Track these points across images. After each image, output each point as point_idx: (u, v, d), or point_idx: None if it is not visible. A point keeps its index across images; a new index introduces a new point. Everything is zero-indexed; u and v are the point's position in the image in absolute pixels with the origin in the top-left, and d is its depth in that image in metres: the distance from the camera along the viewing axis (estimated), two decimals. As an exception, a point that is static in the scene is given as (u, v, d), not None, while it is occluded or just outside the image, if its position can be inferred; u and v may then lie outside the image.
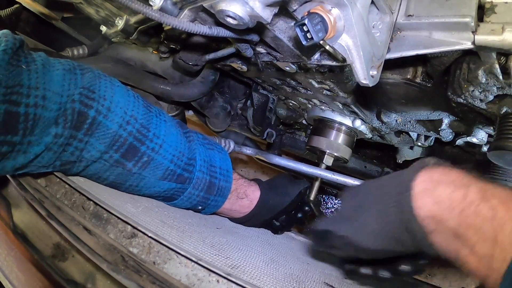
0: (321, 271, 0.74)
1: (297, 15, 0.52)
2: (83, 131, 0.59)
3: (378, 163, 1.28)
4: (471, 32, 0.50)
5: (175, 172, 0.70)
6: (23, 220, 0.66)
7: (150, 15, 0.48)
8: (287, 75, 0.79)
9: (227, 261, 0.61)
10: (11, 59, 0.52)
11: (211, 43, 0.76)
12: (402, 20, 0.55)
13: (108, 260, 0.54)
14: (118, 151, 0.63)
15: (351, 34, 0.50)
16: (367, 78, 0.52)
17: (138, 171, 0.66)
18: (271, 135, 1.13)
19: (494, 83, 0.57)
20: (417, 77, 0.68)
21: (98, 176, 0.66)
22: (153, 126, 0.67)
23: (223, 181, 0.77)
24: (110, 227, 0.59)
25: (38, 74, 0.54)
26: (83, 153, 0.61)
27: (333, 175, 0.90)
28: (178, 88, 1.00)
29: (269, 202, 0.84)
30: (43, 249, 0.61)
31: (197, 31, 0.52)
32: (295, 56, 0.61)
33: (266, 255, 0.72)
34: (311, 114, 0.97)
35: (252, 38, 0.60)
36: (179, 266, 0.54)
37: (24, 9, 1.09)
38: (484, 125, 0.72)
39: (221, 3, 0.46)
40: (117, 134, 0.62)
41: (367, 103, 0.84)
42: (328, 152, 0.93)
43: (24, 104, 0.51)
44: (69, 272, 0.57)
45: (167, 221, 0.68)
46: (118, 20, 0.82)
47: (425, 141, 0.91)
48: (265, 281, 0.59)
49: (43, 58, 0.58)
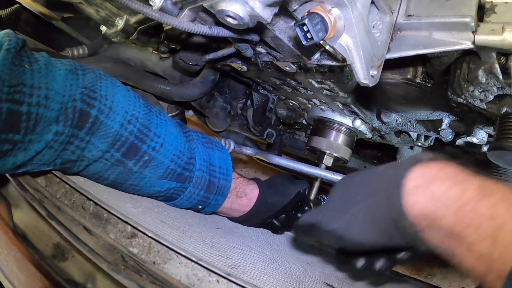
0: (321, 271, 0.74)
1: (297, 15, 0.52)
2: (85, 130, 0.59)
3: (378, 163, 1.28)
4: (471, 32, 0.50)
5: (175, 171, 0.70)
6: (23, 220, 0.66)
7: (150, 15, 0.48)
8: (287, 75, 0.79)
9: (227, 261, 0.61)
10: (14, 58, 0.53)
11: (211, 43, 0.76)
12: (402, 20, 0.55)
13: (108, 260, 0.54)
14: (119, 150, 0.63)
15: (351, 34, 0.50)
16: (367, 78, 0.52)
17: (139, 170, 0.66)
18: (271, 135, 1.13)
19: (494, 83, 0.57)
20: (417, 77, 0.68)
21: (98, 175, 0.66)
22: (154, 126, 0.68)
23: (223, 180, 0.77)
24: (110, 227, 0.59)
25: (41, 74, 0.55)
26: (84, 152, 0.61)
27: (333, 175, 0.90)
28: (178, 88, 1.00)
29: (268, 201, 0.84)
30: (43, 249, 0.61)
31: (197, 31, 0.52)
32: (295, 56, 0.61)
33: (266, 255, 0.72)
34: (311, 114, 0.97)
35: (252, 38, 0.60)
36: (179, 266, 0.54)
37: (24, 9, 1.09)
38: (484, 125, 0.72)
39: (221, 3, 0.46)
40: (118, 133, 0.62)
41: (367, 103, 0.84)
42: (328, 153, 0.93)
43: (26, 103, 0.52)
44: (69, 272, 0.57)
45: (167, 221, 0.68)
46: (118, 20, 0.82)
47: (425, 141, 0.91)
48: (265, 281, 0.59)
49: (45, 58, 0.58)
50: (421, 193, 0.47)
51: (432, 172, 0.48)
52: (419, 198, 0.47)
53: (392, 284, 0.81)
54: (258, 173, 1.89)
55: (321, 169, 0.92)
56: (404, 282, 0.88)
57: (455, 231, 0.43)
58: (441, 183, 0.46)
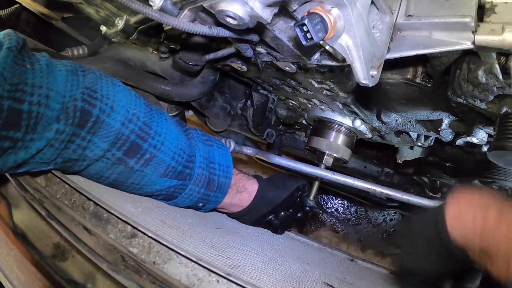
0: (321, 271, 0.74)
1: (297, 15, 0.52)
2: (86, 129, 0.59)
3: (378, 163, 1.28)
4: (471, 32, 0.50)
5: (176, 169, 0.70)
6: (23, 220, 0.66)
7: (150, 15, 0.48)
8: (287, 75, 0.79)
9: (227, 261, 0.61)
10: (15, 57, 0.53)
11: (211, 43, 0.76)
12: (402, 20, 0.55)
13: (108, 260, 0.54)
14: (120, 149, 0.63)
15: (351, 34, 0.50)
16: (367, 78, 0.52)
17: (140, 168, 0.66)
18: (271, 135, 1.13)
19: (494, 83, 0.57)
20: (417, 77, 0.68)
21: (100, 174, 0.66)
22: (155, 124, 0.68)
23: (223, 177, 0.78)
24: (110, 227, 0.59)
25: (42, 74, 0.55)
26: (86, 151, 0.61)
27: (333, 175, 0.90)
28: (178, 88, 1.00)
29: (267, 194, 0.84)
30: (43, 249, 0.61)
31: (197, 31, 0.52)
32: (295, 56, 0.61)
33: (266, 255, 0.72)
34: (311, 114, 0.97)
35: (252, 38, 0.60)
36: (179, 266, 0.54)
37: (24, 9, 1.09)
38: (484, 125, 0.72)
39: (221, 3, 0.46)
40: (119, 132, 0.62)
41: (367, 103, 0.83)
42: (327, 153, 0.93)
43: (27, 102, 0.52)
44: (69, 272, 0.57)
45: (167, 221, 0.68)
46: (118, 20, 0.83)
47: (425, 141, 0.91)
48: (265, 281, 0.59)
49: (46, 58, 0.59)
50: (457, 221, 0.57)
51: (464, 200, 0.58)
52: (457, 225, 0.56)
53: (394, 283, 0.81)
54: (258, 173, 1.89)
55: (321, 169, 0.92)
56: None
57: (483, 248, 0.52)
58: (469, 210, 0.56)
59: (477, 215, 0.54)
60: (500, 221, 0.51)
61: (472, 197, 0.58)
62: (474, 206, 0.56)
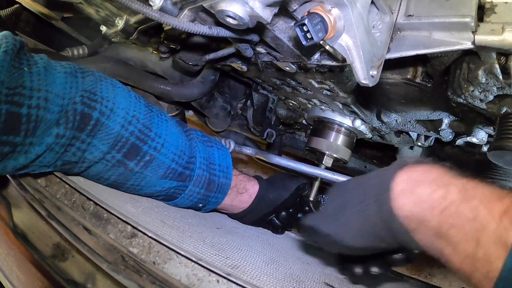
0: (321, 271, 0.74)
1: (297, 15, 0.52)
2: (86, 132, 0.59)
3: (378, 163, 1.27)
4: (471, 32, 0.50)
5: (176, 170, 0.70)
6: (23, 220, 0.66)
7: (150, 15, 0.48)
8: (287, 75, 0.79)
9: (227, 261, 0.61)
10: (12, 60, 0.52)
11: (211, 43, 0.76)
12: (402, 20, 0.55)
13: (108, 260, 0.54)
14: (120, 151, 0.63)
15: (351, 34, 0.50)
16: (367, 78, 0.52)
17: (140, 170, 0.66)
18: (271, 135, 1.13)
19: (494, 83, 0.57)
20: (417, 77, 0.68)
21: (99, 176, 0.66)
22: (155, 126, 0.68)
23: (223, 177, 0.78)
24: (110, 227, 0.59)
25: (40, 76, 0.55)
26: (85, 154, 0.61)
27: (333, 175, 0.90)
28: (178, 88, 1.00)
29: (267, 195, 0.84)
30: (43, 249, 0.61)
31: (197, 31, 0.52)
32: (295, 56, 0.61)
33: (266, 255, 0.72)
34: (311, 114, 0.97)
35: (252, 38, 0.60)
36: (179, 266, 0.54)
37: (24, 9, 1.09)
38: (484, 125, 0.72)
39: (221, 3, 0.46)
40: (119, 134, 0.62)
41: (367, 103, 0.84)
42: (327, 154, 0.93)
43: (26, 105, 0.52)
44: (69, 272, 0.57)
45: (167, 221, 0.68)
46: (118, 20, 0.82)
47: (425, 141, 0.91)
48: (265, 281, 0.59)
49: (44, 60, 0.58)
50: (408, 196, 0.49)
51: (418, 175, 0.50)
52: (406, 201, 0.49)
53: (392, 284, 0.81)
54: (258, 173, 1.89)
55: (321, 169, 0.92)
56: (404, 282, 0.88)
57: (441, 232, 0.45)
58: (426, 186, 0.48)
59: (434, 194, 0.46)
60: (464, 203, 0.44)
61: (428, 173, 0.49)
62: (431, 183, 0.48)
